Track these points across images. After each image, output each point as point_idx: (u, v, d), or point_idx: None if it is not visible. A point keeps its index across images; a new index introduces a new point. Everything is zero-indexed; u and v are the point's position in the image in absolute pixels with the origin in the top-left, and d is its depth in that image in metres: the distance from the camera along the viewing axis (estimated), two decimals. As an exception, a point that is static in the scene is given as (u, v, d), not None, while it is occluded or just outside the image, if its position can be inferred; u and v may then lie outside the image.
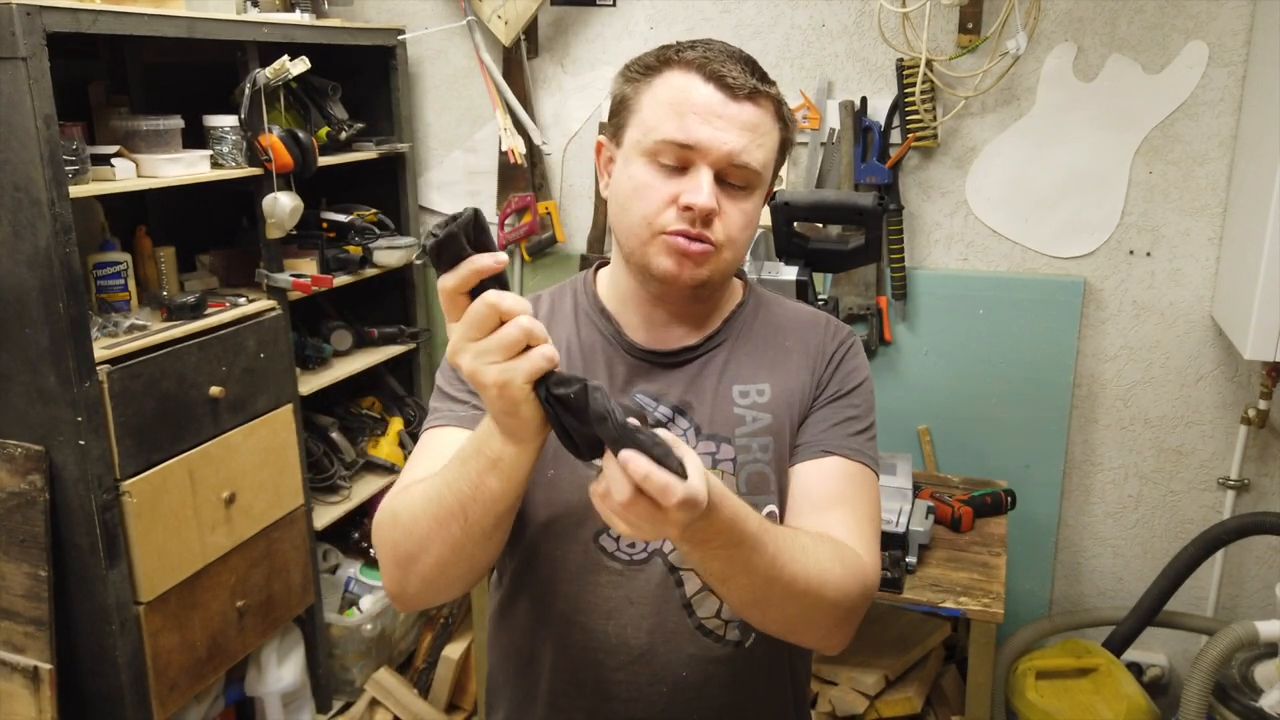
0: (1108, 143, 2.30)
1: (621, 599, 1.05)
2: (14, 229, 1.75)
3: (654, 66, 1.04)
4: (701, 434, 1.08)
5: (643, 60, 1.06)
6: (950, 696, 2.10)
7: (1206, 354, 2.35)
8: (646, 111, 1.03)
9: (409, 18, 2.73)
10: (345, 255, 2.53)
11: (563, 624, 1.07)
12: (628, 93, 1.06)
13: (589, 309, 1.13)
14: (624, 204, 1.05)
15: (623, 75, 1.08)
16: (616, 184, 1.07)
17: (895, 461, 2.13)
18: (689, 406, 1.09)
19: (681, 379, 1.10)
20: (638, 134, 1.04)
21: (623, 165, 1.06)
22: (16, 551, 1.89)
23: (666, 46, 1.06)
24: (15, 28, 1.64)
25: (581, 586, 1.06)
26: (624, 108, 1.06)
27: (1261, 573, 2.43)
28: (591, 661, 1.07)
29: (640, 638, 1.06)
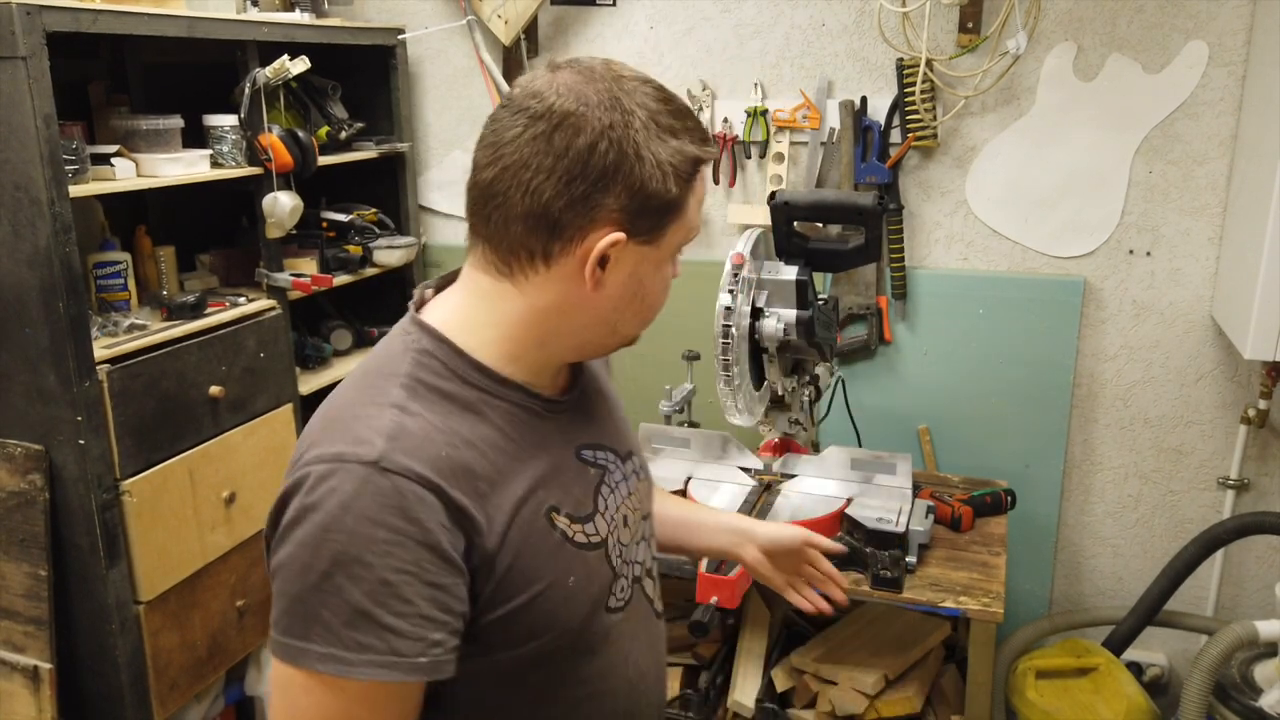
0: (1107, 142, 2.30)
1: (628, 639, 1.05)
2: (14, 228, 1.75)
3: (700, 160, 0.94)
4: (622, 458, 1.07)
5: (693, 156, 0.93)
6: (950, 696, 2.10)
7: (1206, 354, 2.35)
8: (690, 214, 0.96)
9: (409, 17, 2.73)
10: (345, 255, 2.53)
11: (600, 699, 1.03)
12: (674, 196, 0.92)
13: (490, 387, 0.94)
14: (649, 303, 0.97)
15: (674, 174, 0.91)
16: (637, 284, 0.95)
17: (895, 461, 2.13)
18: (608, 441, 1.06)
19: (585, 413, 1.05)
20: (680, 236, 0.96)
21: (654, 268, 0.95)
22: (16, 551, 1.89)
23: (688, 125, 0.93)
24: (15, 27, 1.64)
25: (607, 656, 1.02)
26: (670, 210, 0.93)
27: (1261, 572, 2.44)
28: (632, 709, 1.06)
29: (644, 660, 1.08)
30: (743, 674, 2.14)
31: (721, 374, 1.90)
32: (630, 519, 1.05)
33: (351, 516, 0.82)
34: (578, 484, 0.99)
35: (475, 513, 0.87)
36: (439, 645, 0.84)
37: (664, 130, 0.91)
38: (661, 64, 2.58)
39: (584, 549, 0.96)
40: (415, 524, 0.83)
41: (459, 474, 0.87)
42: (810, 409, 2.22)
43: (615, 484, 1.04)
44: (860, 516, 1.96)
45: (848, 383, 2.48)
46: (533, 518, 0.92)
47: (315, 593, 0.82)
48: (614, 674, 1.03)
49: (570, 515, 0.96)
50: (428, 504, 0.84)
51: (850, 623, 2.25)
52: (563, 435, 1.00)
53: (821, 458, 2.16)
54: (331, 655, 0.81)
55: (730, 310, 1.88)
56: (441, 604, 0.84)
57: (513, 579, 0.90)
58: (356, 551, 0.81)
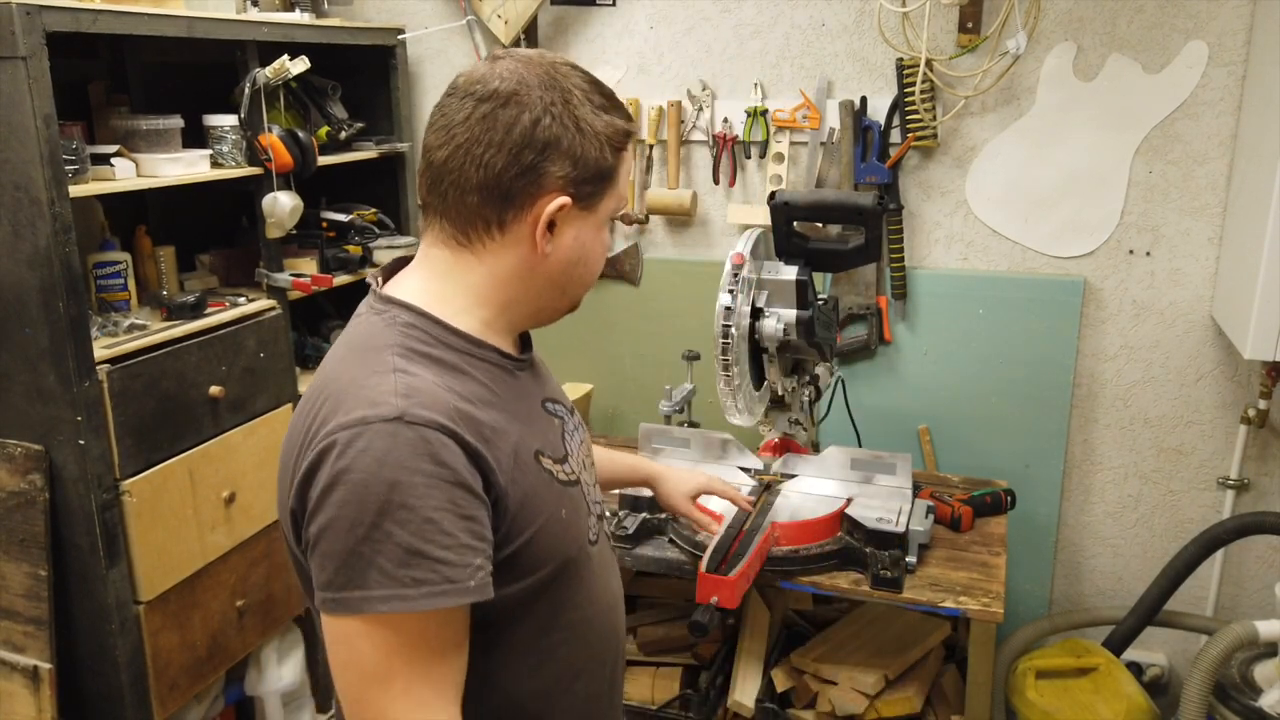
0: (1107, 142, 2.30)
1: (601, 567, 1.18)
2: (14, 228, 1.75)
3: (629, 134, 1.07)
4: (569, 411, 1.20)
5: (623, 129, 1.06)
6: (950, 696, 2.10)
7: (1206, 354, 2.35)
8: (621, 183, 1.08)
9: (409, 17, 2.73)
10: (345, 255, 2.53)
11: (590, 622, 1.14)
12: (608, 165, 1.05)
13: (469, 349, 1.04)
14: (590, 266, 1.10)
15: (609, 144, 1.04)
16: (582, 247, 1.07)
17: (895, 461, 2.13)
18: (558, 396, 1.20)
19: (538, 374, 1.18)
20: (613, 204, 1.08)
21: (594, 232, 1.08)
22: (16, 551, 1.89)
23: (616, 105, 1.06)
24: (15, 27, 1.64)
25: (592, 583, 1.14)
26: (605, 178, 1.05)
27: (1261, 572, 2.44)
28: (612, 628, 1.19)
29: (614, 583, 1.22)
30: (743, 674, 2.14)
31: (721, 374, 1.90)
32: (586, 461, 1.19)
33: (388, 469, 0.90)
34: (549, 431, 1.11)
35: (487, 455, 0.97)
36: (481, 569, 0.94)
37: (597, 107, 1.03)
38: (661, 64, 2.58)
39: (567, 485, 1.10)
40: (444, 466, 0.92)
41: (468, 422, 0.97)
42: (810, 409, 2.22)
43: (570, 432, 1.17)
44: (860, 516, 1.96)
45: (848, 383, 2.48)
46: (527, 459, 1.03)
47: (366, 543, 0.89)
48: (598, 599, 1.15)
49: (550, 457, 1.08)
50: (451, 449, 0.93)
51: (850, 623, 2.25)
52: (530, 391, 1.12)
53: (821, 458, 2.16)
54: (394, 595, 0.89)
55: (730, 310, 1.88)
56: (476, 533, 0.94)
57: (522, 515, 1.01)
58: (400, 498, 0.90)
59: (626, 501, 2.11)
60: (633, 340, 2.74)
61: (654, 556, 2.02)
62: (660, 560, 2.02)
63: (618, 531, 2.04)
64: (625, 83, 2.62)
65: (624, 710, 1.31)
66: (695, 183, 2.62)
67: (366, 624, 0.91)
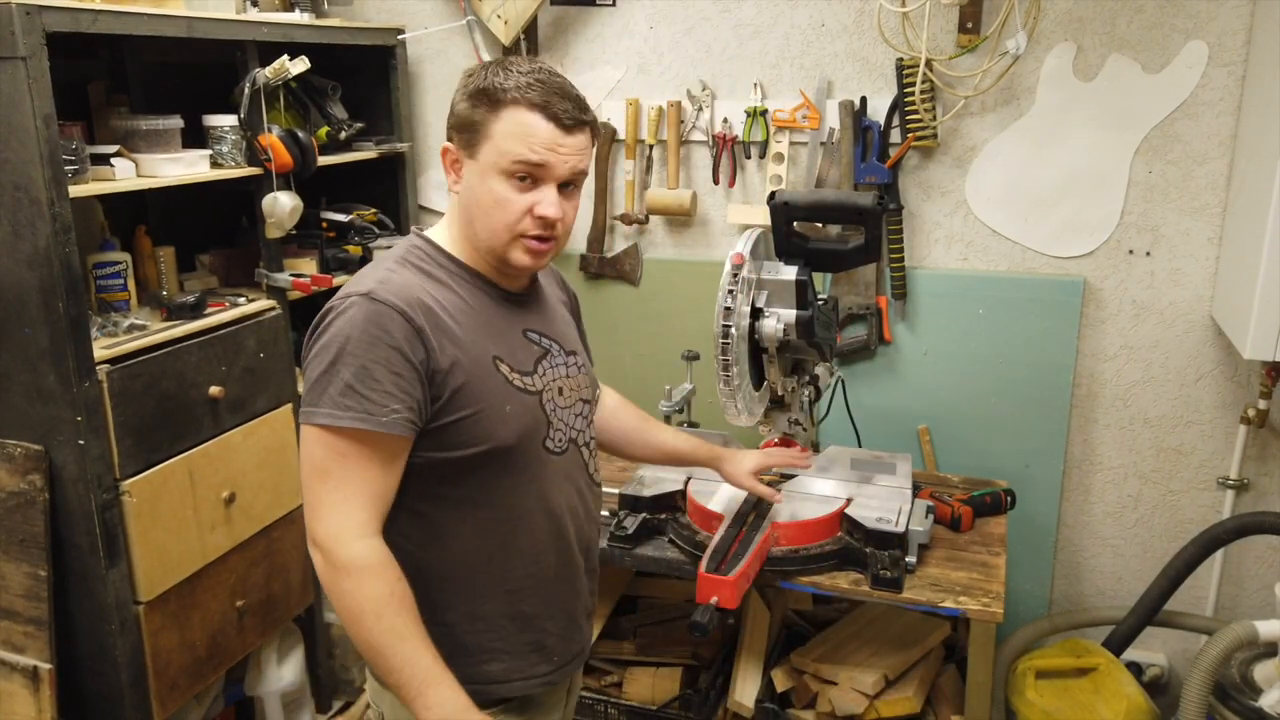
0: (1107, 142, 2.30)
1: (563, 478, 1.44)
2: (14, 229, 1.75)
3: (500, 100, 1.29)
4: (565, 352, 1.47)
5: (487, 91, 1.30)
6: (950, 696, 2.10)
7: (1206, 354, 2.35)
8: (499, 140, 1.30)
9: (409, 17, 2.73)
10: (345, 255, 2.53)
11: (532, 511, 1.40)
12: (476, 119, 1.31)
13: (458, 272, 1.38)
14: (487, 210, 1.33)
15: (469, 100, 1.32)
16: (473, 190, 1.34)
17: (895, 461, 2.13)
18: (553, 335, 1.46)
19: (537, 313, 1.46)
20: (493, 156, 1.31)
21: (479, 178, 1.33)
22: (16, 551, 1.89)
23: (505, 74, 1.31)
24: (15, 27, 1.64)
25: (542, 480, 1.40)
26: (474, 129, 1.32)
27: (1261, 572, 2.44)
28: (556, 527, 1.43)
29: (575, 499, 1.46)
30: (743, 674, 2.14)
31: (721, 374, 1.90)
32: (565, 390, 1.45)
33: (350, 326, 1.27)
34: (521, 350, 1.40)
35: (430, 337, 1.29)
36: (396, 412, 1.26)
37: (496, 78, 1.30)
38: (661, 64, 2.58)
39: (521, 391, 1.37)
40: (386, 333, 1.26)
41: (424, 310, 1.29)
42: (810, 409, 2.22)
43: (555, 363, 1.44)
44: (860, 516, 1.96)
45: (848, 383, 2.48)
46: (481, 357, 1.34)
47: (325, 376, 1.26)
48: (549, 498, 1.41)
49: (510, 366, 1.37)
50: (396, 322, 1.27)
51: (850, 623, 2.25)
52: (514, 318, 1.42)
53: (821, 458, 2.16)
54: (329, 413, 1.25)
55: (730, 310, 1.88)
56: (400, 387, 1.26)
57: (462, 396, 1.31)
58: (351, 348, 1.26)
59: (626, 501, 2.11)
60: (633, 340, 2.74)
61: (654, 556, 2.02)
62: (660, 560, 2.02)
63: (617, 531, 2.04)
64: (625, 83, 2.62)
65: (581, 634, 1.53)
66: (695, 183, 2.62)
67: (316, 431, 1.26)
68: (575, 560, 1.48)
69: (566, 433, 1.44)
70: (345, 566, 1.25)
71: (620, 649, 2.30)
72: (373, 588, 1.25)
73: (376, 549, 1.27)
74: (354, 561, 1.25)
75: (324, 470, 1.26)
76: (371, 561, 1.26)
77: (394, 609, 1.26)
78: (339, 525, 1.26)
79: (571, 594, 1.49)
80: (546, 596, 1.44)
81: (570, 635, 1.49)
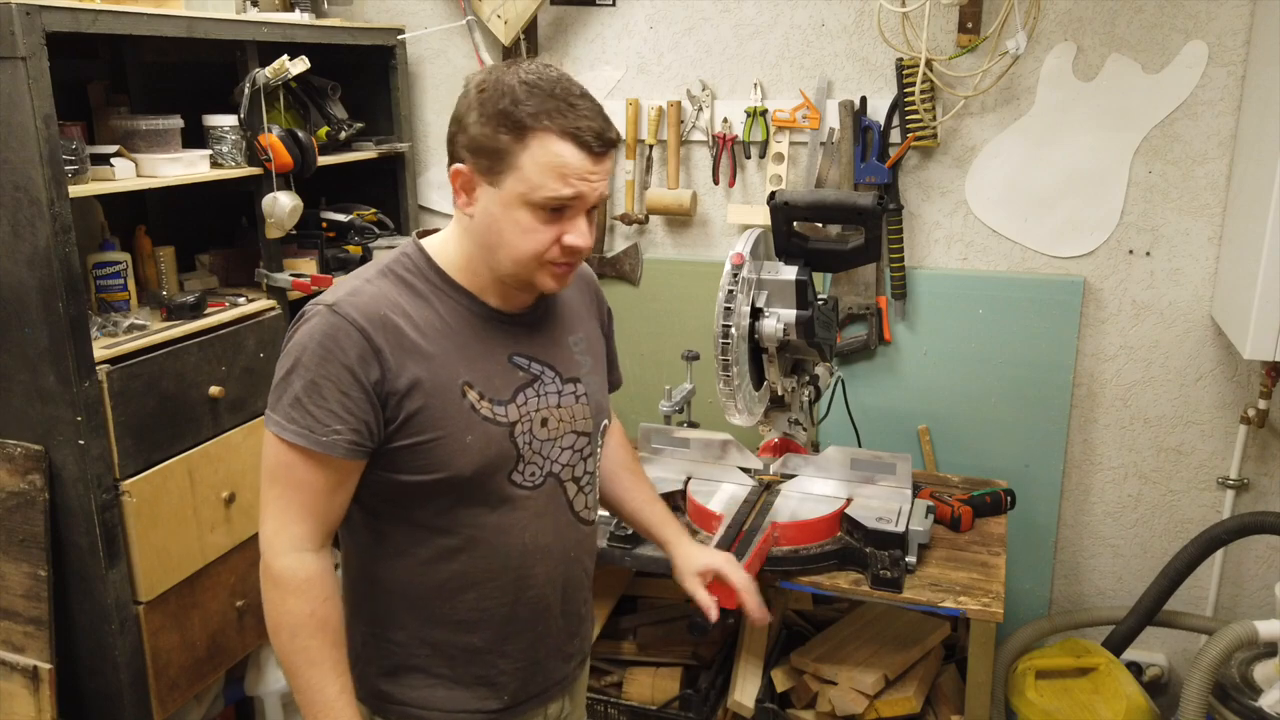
0: (1107, 142, 2.30)
1: (534, 515, 1.35)
2: (13, 229, 1.75)
3: (526, 127, 1.19)
4: (563, 379, 1.38)
5: (511, 116, 1.19)
6: (950, 696, 2.10)
7: (1206, 353, 2.35)
8: (528, 172, 1.20)
9: (409, 17, 2.73)
10: (345, 255, 2.53)
11: (490, 545, 1.33)
12: (500, 147, 1.20)
13: (442, 288, 1.30)
14: (511, 242, 1.24)
15: (489, 124, 1.20)
16: (493, 218, 1.24)
17: (895, 461, 2.13)
18: (547, 360, 1.37)
19: (534, 336, 1.37)
20: (521, 187, 1.21)
21: (502, 208, 1.23)
22: (16, 551, 1.89)
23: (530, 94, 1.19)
24: (15, 27, 1.64)
25: (504, 514, 1.32)
26: (497, 158, 1.21)
27: (1261, 572, 2.44)
28: (518, 564, 1.35)
29: (549, 537, 1.37)
30: (742, 674, 2.14)
31: (721, 374, 1.90)
32: (551, 421, 1.35)
33: (307, 338, 1.23)
34: (500, 377, 1.31)
35: (389, 357, 1.22)
36: (339, 434, 1.22)
37: (513, 101, 1.19)
38: (661, 64, 2.58)
39: (486, 421, 1.28)
40: (341, 350, 1.21)
41: (387, 328, 1.23)
42: (810, 409, 2.22)
43: (543, 391, 1.35)
44: (860, 516, 1.96)
45: (848, 383, 2.48)
46: (448, 381, 1.26)
47: (281, 384, 1.24)
48: (512, 534, 1.33)
49: (481, 393, 1.29)
50: (353, 339, 1.21)
51: (850, 623, 2.25)
52: (500, 341, 1.33)
53: (821, 458, 2.16)
54: (278, 423, 1.23)
55: (730, 310, 1.88)
56: (347, 408, 1.22)
57: (419, 421, 1.25)
58: (305, 360, 1.22)
59: None
60: (633, 340, 2.74)
61: (654, 556, 2.02)
62: (660, 560, 2.02)
63: (618, 531, 2.04)
64: (625, 83, 2.62)
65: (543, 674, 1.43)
66: (695, 183, 2.62)
67: (270, 435, 1.24)
68: (544, 601, 1.39)
69: (544, 466, 1.34)
70: (273, 577, 1.24)
71: (620, 649, 2.30)
72: (294, 604, 1.23)
73: (307, 565, 1.24)
74: (282, 574, 1.24)
75: (273, 475, 1.25)
76: (299, 578, 1.24)
77: (309, 630, 1.24)
78: (273, 534, 1.25)
79: (534, 635, 1.40)
80: (501, 634, 1.37)
81: (529, 675, 1.41)
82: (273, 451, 1.24)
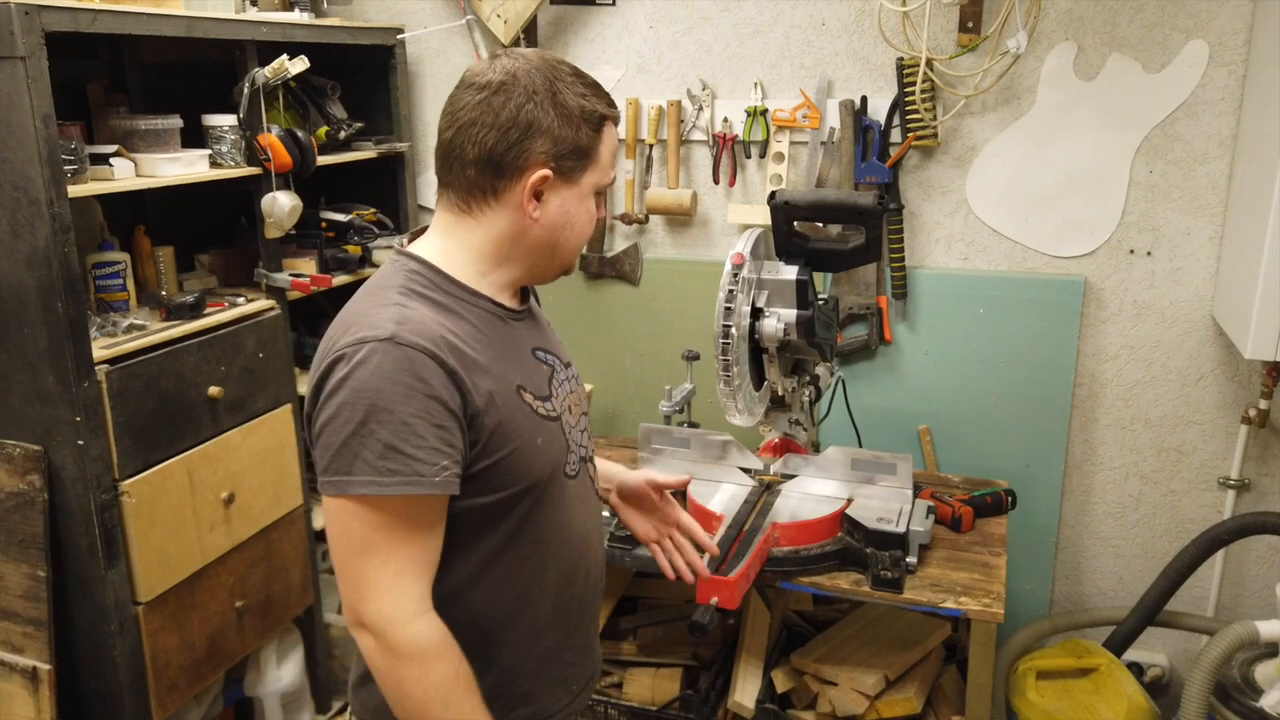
0: (1108, 142, 2.30)
1: (579, 502, 1.35)
2: (13, 229, 1.75)
3: (602, 118, 1.24)
4: (564, 365, 1.39)
5: (599, 112, 1.23)
6: (950, 696, 2.10)
7: (1207, 353, 2.35)
8: (604, 160, 1.25)
9: (408, 17, 2.73)
10: (344, 255, 2.52)
11: (557, 542, 1.31)
12: (585, 143, 1.22)
13: (465, 298, 1.24)
14: (578, 231, 1.27)
15: (573, 123, 1.21)
16: (569, 215, 1.25)
17: (895, 462, 2.13)
18: (552, 349, 1.38)
19: (537, 329, 1.37)
20: (596, 177, 1.25)
21: (578, 201, 1.25)
22: (15, 552, 1.89)
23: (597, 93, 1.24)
24: (14, 27, 1.64)
25: (564, 510, 1.32)
26: (585, 155, 1.23)
27: (1262, 573, 2.43)
28: (579, 555, 1.35)
29: (590, 521, 1.39)
30: (743, 675, 2.13)
31: (721, 374, 1.90)
32: (573, 408, 1.36)
33: (378, 378, 1.11)
34: (536, 373, 1.30)
35: (465, 379, 1.15)
36: (447, 470, 1.13)
37: (577, 94, 1.21)
38: (661, 63, 2.58)
39: (546, 419, 1.27)
40: (423, 382, 1.12)
41: (452, 349, 1.16)
42: (810, 409, 2.22)
43: (561, 380, 1.35)
44: (860, 517, 1.95)
45: (848, 383, 2.47)
46: (508, 391, 1.22)
47: (355, 438, 1.11)
48: (569, 526, 1.33)
49: (533, 394, 1.26)
50: (430, 368, 1.12)
51: (850, 623, 2.24)
52: (521, 338, 1.31)
53: (822, 458, 2.16)
54: (372, 481, 1.10)
55: (730, 310, 1.88)
56: (445, 440, 1.13)
57: (499, 436, 1.19)
58: (384, 403, 1.10)
59: None
60: (633, 340, 2.73)
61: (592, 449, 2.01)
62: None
63: (617, 531, 2.03)
64: (625, 82, 2.62)
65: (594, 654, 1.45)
66: (695, 182, 2.62)
67: (353, 503, 1.12)
68: (593, 584, 1.41)
69: (579, 452, 1.36)
70: (407, 652, 1.13)
71: (620, 649, 2.30)
72: (438, 673, 1.15)
73: (436, 627, 1.16)
74: (415, 644, 1.13)
75: (368, 545, 1.12)
76: (435, 642, 1.15)
77: (460, 693, 1.17)
78: (393, 605, 1.13)
79: (590, 619, 1.42)
80: (568, 627, 1.36)
81: (585, 660, 1.42)
82: (362, 519, 1.12)
